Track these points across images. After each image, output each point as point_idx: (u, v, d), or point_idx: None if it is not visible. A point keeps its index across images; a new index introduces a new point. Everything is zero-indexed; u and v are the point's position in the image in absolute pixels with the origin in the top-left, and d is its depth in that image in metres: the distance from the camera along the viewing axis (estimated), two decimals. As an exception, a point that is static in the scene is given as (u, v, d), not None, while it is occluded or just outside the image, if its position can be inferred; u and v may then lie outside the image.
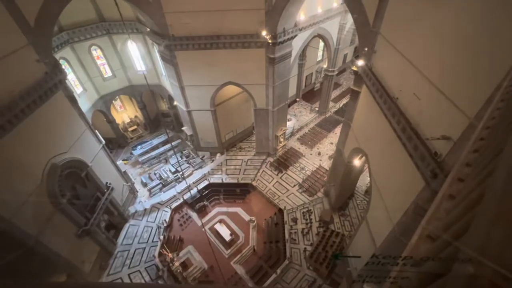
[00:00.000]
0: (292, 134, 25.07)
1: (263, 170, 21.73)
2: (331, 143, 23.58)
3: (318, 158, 22.60)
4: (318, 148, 23.58)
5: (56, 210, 12.26)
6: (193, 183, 20.60)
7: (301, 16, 18.25)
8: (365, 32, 10.91)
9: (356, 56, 12.22)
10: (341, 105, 28.73)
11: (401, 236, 8.39)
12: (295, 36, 17.35)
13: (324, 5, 20.25)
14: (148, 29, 16.85)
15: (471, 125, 5.95)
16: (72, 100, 13.88)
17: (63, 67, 13.61)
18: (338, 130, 23.94)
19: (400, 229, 8.43)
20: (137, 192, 20.34)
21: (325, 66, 26.93)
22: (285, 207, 18.70)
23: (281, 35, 15.70)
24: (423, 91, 7.62)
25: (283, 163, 22.01)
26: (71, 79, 18.51)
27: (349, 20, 22.19)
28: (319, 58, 30.20)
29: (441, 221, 1.21)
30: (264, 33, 15.22)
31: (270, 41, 15.52)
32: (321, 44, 27.25)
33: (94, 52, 20.23)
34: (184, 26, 15.22)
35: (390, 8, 9.45)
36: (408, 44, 8.56)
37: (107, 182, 16.07)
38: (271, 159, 22.46)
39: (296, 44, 19.03)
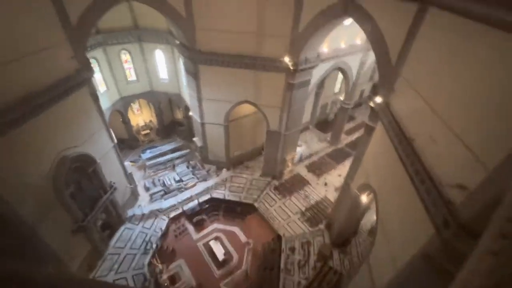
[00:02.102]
0: (301, 160, 24.87)
1: (267, 193, 21.38)
2: (339, 175, 23.16)
3: (324, 188, 22.13)
4: (325, 178, 23.18)
5: (57, 201, 12.31)
6: (195, 195, 20.43)
7: (324, 48, 18.84)
8: (386, 71, 11.08)
9: (374, 92, 12.31)
10: (353, 138, 28.58)
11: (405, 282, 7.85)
12: (316, 65, 17.82)
13: (347, 41, 20.92)
14: (178, 42, 17.75)
15: (489, 178, 5.74)
16: (95, 97, 14.45)
17: (92, 65, 14.35)
18: (347, 162, 23.59)
19: (404, 277, 7.91)
20: (139, 195, 20.29)
21: (341, 98, 27.22)
22: (284, 234, 18.09)
23: (303, 63, 16.14)
24: (441, 136, 7.49)
25: (288, 188, 21.65)
26: (97, 78, 19.41)
27: (371, 57, 22.71)
28: (337, 90, 30.66)
29: (484, 280, 1.10)
30: (286, 59, 15.72)
31: (291, 68, 15.98)
32: (340, 76, 27.78)
33: (123, 56, 21.33)
34: (211, 43, 15.97)
35: (414, 51, 9.63)
36: (429, 88, 8.57)
37: (111, 181, 16.16)
38: (276, 182, 22.15)
39: (316, 74, 19.49)
